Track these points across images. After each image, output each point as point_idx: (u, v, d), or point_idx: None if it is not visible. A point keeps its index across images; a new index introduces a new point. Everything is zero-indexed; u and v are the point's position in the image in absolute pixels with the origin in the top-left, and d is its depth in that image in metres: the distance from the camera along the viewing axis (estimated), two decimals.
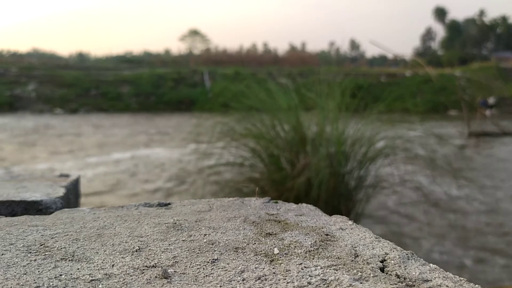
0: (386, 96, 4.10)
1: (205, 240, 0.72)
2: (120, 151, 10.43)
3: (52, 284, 0.55)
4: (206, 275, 0.59)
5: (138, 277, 0.58)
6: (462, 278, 0.57)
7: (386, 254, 0.66)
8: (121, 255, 0.65)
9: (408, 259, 0.64)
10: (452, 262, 3.85)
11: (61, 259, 0.64)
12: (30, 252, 0.66)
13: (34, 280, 0.56)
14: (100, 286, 0.55)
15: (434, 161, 3.82)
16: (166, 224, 0.81)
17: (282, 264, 0.62)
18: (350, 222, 0.83)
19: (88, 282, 0.56)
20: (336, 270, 0.60)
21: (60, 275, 0.58)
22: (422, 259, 0.64)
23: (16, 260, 0.63)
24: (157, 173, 7.70)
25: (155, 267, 0.61)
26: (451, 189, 5.12)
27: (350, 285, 0.55)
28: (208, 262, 0.63)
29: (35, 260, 0.63)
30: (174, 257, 0.65)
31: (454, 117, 17.37)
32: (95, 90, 27.91)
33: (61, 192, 1.10)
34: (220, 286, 0.55)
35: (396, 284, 0.56)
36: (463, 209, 5.36)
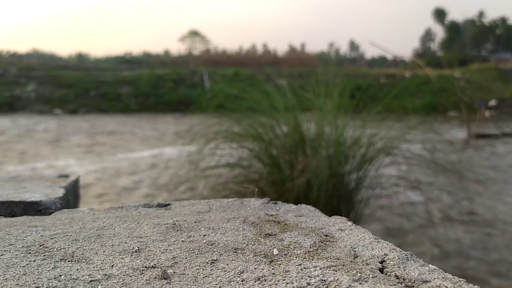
0: (385, 95, 4.10)
1: (204, 241, 0.72)
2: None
3: (52, 285, 0.55)
4: (206, 276, 0.59)
5: (138, 277, 0.58)
6: (461, 279, 0.57)
7: (386, 255, 0.66)
8: (121, 256, 0.65)
9: (408, 259, 0.64)
10: (452, 261, 3.85)
11: (60, 259, 0.64)
12: (30, 253, 0.66)
13: (34, 281, 0.56)
14: (99, 286, 0.55)
15: (433, 161, 3.82)
16: (166, 225, 0.81)
17: (281, 265, 0.62)
18: (350, 223, 0.83)
19: (88, 282, 0.56)
20: (336, 271, 0.60)
21: (60, 275, 0.58)
22: (421, 260, 0.64)
23: (16, 260, 0.63)
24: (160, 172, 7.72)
25: (154, 268, 0.61)
26: (450, 189, 5.12)
27: (350, 285, 0.55)
28: (207, 262, 0.63)
29: (34, 260, 0.63)
30: (173, 257, 0.65)
31: (453, 118, 17.39)
32: (95, 91, 27.90)
33: (60, 192, 1.10)
34: (220, 287, 0.55)
35: (395, 284, 0.56)
36: (463, 209, 5.36)
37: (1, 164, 8.61)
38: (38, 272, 0.59)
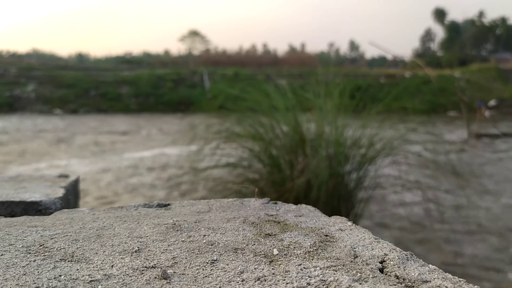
0: (385, 95, 4.10)
1: (204, 241, 0.72)
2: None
3: (52, 285, 0.55)
4: (206, 276, 0.59)
5: (138, 277, 0.58)
6: (461, 279, 0.57)
7: (385, 255, 0.66)
8: (121, 256, 0.65)
9: (408, 260, 0.64)
10: (451, 261, 3.85)
11: (60, 259, 0.64)
12: (30, 253, 0.66)
13: (34, 281, 0.56)
14: (99, 286, 0.55)
15: (433, 162, 3.82)
16: (166, 225, 0.81)
17: (281, 265, 0.62)
18: (350, 223, 0.83)
19: (88, 282, 0.56)
20: (336, 271, 0.60)
21: (60, 275, 0.58)
22: (421, 260, 0.64)
23: (16, 260, 0.63)
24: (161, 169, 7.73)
25: (154, 268, 0.61)
26: (450, 189, 5.13)
27: (350, 286, 0.55)
28: (207, 262, 0.63)
29: (34, 260, 0.63)
30: (173, 257, 0.65)
31: (453, 118, 17.39)
32: (95, 91, 27.91)
33: (60, 192, 1.10)
34: (220, 287, 0.55)
35: (395, 285, 0.56)
36: (462, 209, 5.36)
37: (5, 164, 8.62)
38: (38, 272, 0.59)
